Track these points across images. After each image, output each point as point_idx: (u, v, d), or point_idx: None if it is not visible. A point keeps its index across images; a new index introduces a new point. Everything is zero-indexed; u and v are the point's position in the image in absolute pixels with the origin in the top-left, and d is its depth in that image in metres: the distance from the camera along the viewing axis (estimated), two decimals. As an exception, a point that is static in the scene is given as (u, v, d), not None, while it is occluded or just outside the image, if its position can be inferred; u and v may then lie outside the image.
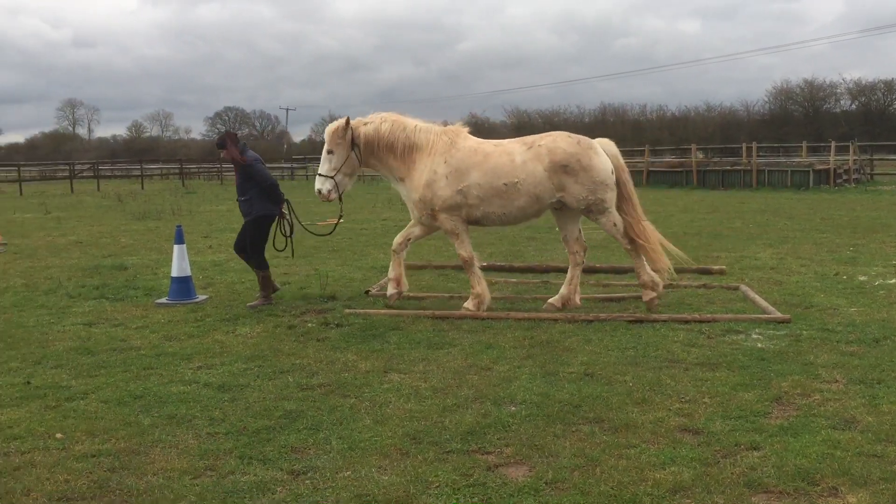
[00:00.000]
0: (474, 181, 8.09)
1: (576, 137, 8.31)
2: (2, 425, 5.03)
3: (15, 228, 18.69)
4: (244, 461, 4.41)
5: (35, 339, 7.31)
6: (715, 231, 15.15)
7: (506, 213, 8.22)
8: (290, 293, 9.31)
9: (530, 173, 8.05)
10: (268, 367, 6.25)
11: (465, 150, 8.25)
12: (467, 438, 4.68)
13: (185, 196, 33.22)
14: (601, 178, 8.08)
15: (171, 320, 8.03)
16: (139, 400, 5.49)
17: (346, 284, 9.84)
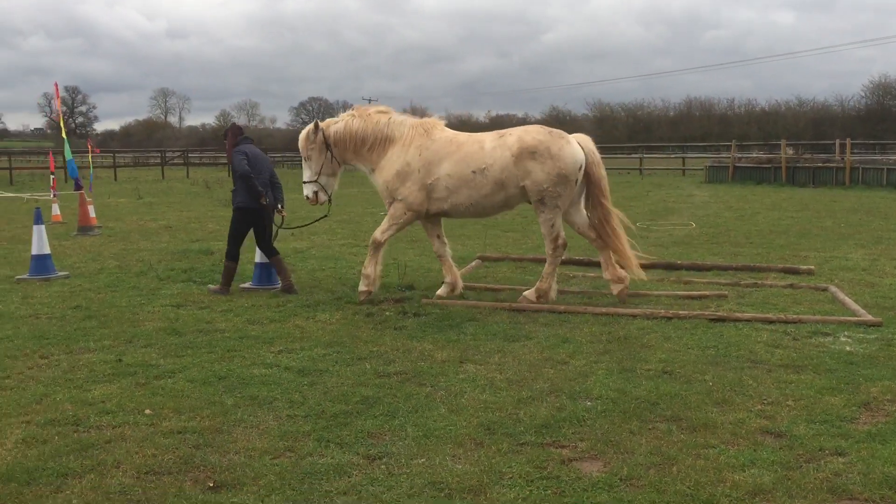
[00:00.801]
0: (444, 172, 8.19)
1: (549, 129, 8.34)
2: (95, 400, 5.27)
3: (109, 212, 19.49)
4: (322, 444, 4.51)
5: (127, 319, 7.62)
6: (803, 230, 14.66)
7: (473, 203, 8.26)
8: (368, 281, 9.42)
9: (497, 159, 8.10)
10: (346, 354, 6.36)
11: (440, 142, 8.35)
12: (542, 431, 4.67)
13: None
14: (565, 170, 8.04)
15: (253, 305, 8.25)
16: (223, 380, 5.67)
17: (423, 275, 9.92)
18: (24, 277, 9.84)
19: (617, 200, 22.56)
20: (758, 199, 22.35)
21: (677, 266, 10.14)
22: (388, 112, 8.71)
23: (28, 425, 4.79)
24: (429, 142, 8.34)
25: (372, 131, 8.49)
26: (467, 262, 10.75)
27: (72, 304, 8.35)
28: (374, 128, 8.49)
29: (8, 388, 5.51)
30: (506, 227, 15.36)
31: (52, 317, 7.75)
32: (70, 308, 8.13)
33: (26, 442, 4.53)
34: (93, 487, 3.96)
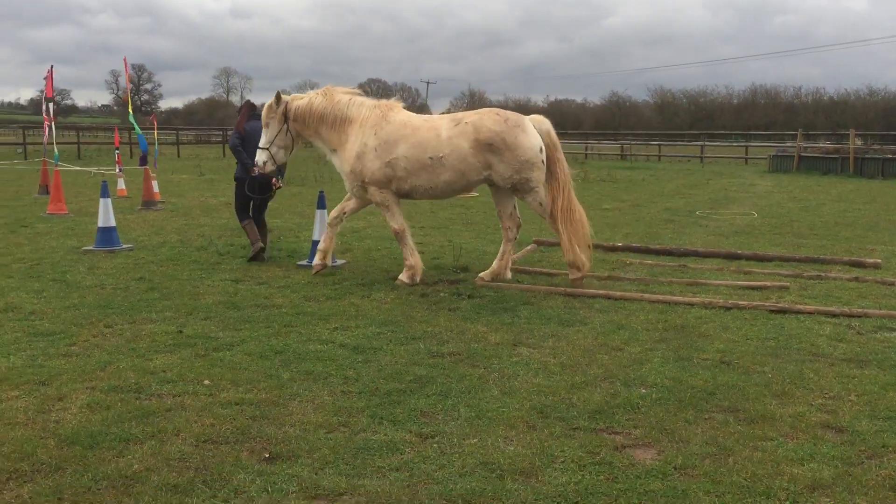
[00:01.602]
0: (401, 154, 8.19)
1: (504, 115, 8.24)
2: (156, 369, 5.40)
3: (172, 188, 19.91)
4: (375, 420, 4.55)
5: (187, 292, 7.78)
6: (871, 222, 14.21)
7: (433, 187, 8.29)
8: (423, 262, 9.45)
9: (455, 148, 8.09)
10: (400, 333, 6.40)
11: (395, 124, 8.33)
12: (595, 417, 4.64)
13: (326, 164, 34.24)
14: (527, 157, 8.04)
15: (310, 282, 8.35)
16: (280, 355, 5.76)
17: (478, 257, 9.90)
18: (91, 249, 10.13)
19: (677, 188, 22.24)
20: (823, 189, 21.74)
21: (738, 256, 9.94)
22: (353, 94, 8.73)
23: (92, 391, 4.93)
24: (384, 123, 8.35)
25: (332, 110, 8.53)
26: (523, 246, 10.70)
27: (135, 275, 8.56)
28: (335, 107, 8.54)
29: (74, 355, 5.69)
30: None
31: (117, 287, 7.96)
32: (133, 279, 8.35)
33: (90, 407, 4.67)
34: (153, 453, 4.06)
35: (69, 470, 3.86)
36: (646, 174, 28.52)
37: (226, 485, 3.76)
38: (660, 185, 22.79)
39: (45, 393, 4.90)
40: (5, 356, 5.60)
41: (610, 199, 18.12)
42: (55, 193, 14.51)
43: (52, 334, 6.20)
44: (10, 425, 4.37)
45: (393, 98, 8.85)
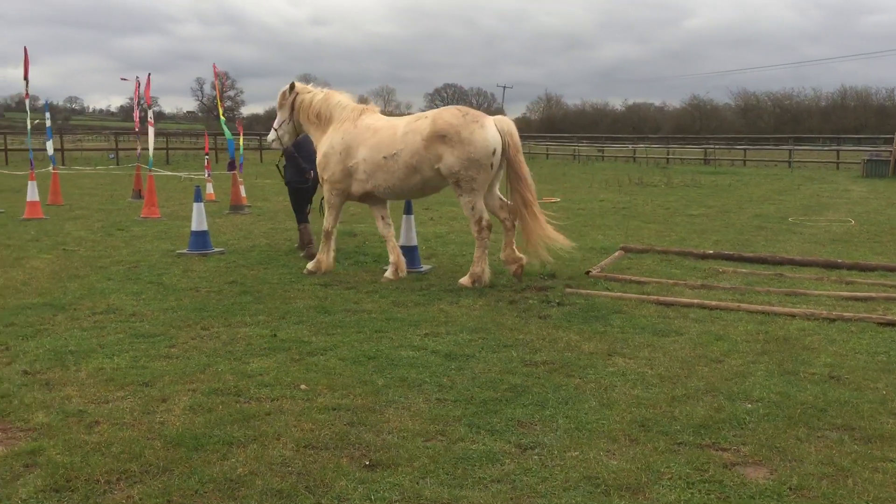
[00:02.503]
0: (361, 157, 8.55)
1: (465, 111, 8.35)
2: (253, 372, 5.47)
3: (257, 192, 20.35)
4: (473, 430, 4.50)
5: (279, 296, 7.89)
6: (978, 230, 13.46)
7: (390, 187, 8.53)
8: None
9: (408, 144, 8.29)
10: (491, 340, 6.34)
11: (360, 128, 8.69)
12: (700, 432, 4.48)
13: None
14: (477, 155, 8.07)
15: (398, 287, 8.36)
16: (372, 360, 5.77)
17: (565, 264, 9.76)
18: (184, 252, 10.40)
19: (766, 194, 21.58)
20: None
21: (838, 265, 9.53)
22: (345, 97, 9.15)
23: (194, 393, 5.02)
24: (352, 127, 8.73)
25: (323, 110, 9.05)
26: (610, 252, 10.51)
27: (228, 279, 8.74)
28: (325, 107, 9.04)
29: (174, 357, 5.82)
30: (648, 219, 14.94)
31: (211, 290, 8.13)
32: (226, 283, 8.52)
33: (193, 409, 4.75)
34: (256, 457, 4.10)
35: (176, 472, 3.92)
36: (732, 179, 27.78)
37: (328, 491, 3.75)
38: (747, 191, 22.14)
39: (149, 394, 5.01)
40: (110, 357, 5.76)
41: (696, 205, 17.69)
42: (149, 198, 14.98)
43: (152, 336, 6.36)
44: (117, 426, 4.48)
45: (371, 102, 9.32)
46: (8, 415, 4.63)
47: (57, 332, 6.46)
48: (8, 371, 5.41)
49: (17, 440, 4.28)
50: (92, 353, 5.86)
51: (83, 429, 4.43)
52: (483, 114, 8.41)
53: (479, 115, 8.31)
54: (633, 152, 47.08)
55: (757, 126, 71.40)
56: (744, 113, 78.78)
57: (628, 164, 42.37)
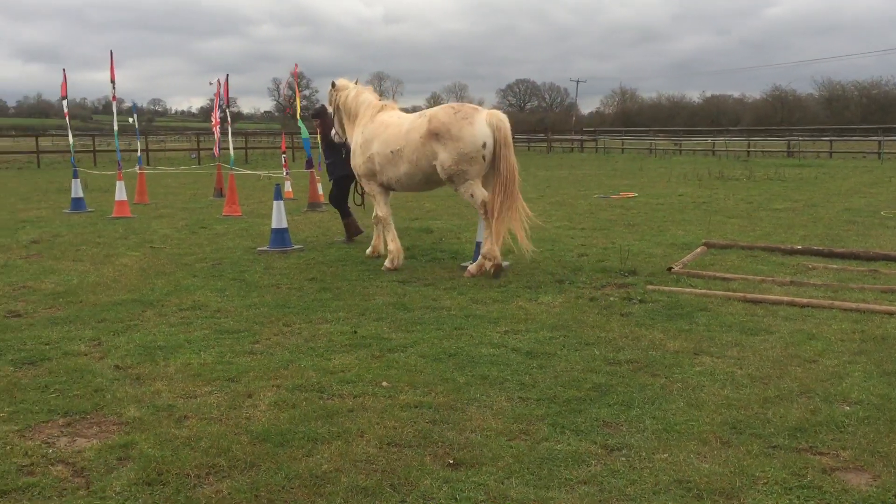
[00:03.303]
0: (375, 150, 9.11)
1: (458, 108, 8.67)
2: (335, 369, 5.51)
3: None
4: (557, 429, 4.42)
5: (358, 292, 7.95)
6: None
7: (398, 180, 9.05)
8: (588, 265, 9.25)
9: (409, 141, 8.76)
10: (572, 338, 6.23)
11: (376, 123, 9.24)
12: (795, 435, 4.30)
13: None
14: (467, 150, 8.42)
15: (476, 284, 8.32)
16: (453, 358, 5.73)
17: (645, 260, 9.56)
18: (265, 249, 10.58)
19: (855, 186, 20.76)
20: None
21: (937, 260, 9.06)
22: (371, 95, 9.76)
23: (278, 389, 5.08)
24: (370, 122, 9.33)
25: (353, 107, 9.72)
26: (692, 248, 10.25)
27: (308, 275, 8.85)
28: (354, 104, 9.70)
29: (258, 353, 5.90)
30: (730, 213, 14.53)
31: (292, 287, 8.24)
32: (307, 280, 8.62)
33: (278, 405, 4.80)
34: (340, 454, 4.11)
35: (263, 467, 3.96)
36: (818, 172, 26.81)
37: (413, 490, 3.73)
38: (835, 184, 21.32)
39: (235, 389, 5.09)
40: (197, 352, 5.88)
41: (781, 199, 17.12)
42: (230, 196, 15.32)
43: (236, 332, 6.47)
44: (206, 420, 4.56)
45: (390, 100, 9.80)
46: (102, 408, 4.77)
47: (146, 327, 6.63)
48: (100, 366, 5.58)
49: (110, 434, 4.40)
50: (179, 348, 6.00)
51: (173, 423, 4.52)
52: (476, 110, 8.70)
53: (470, 111, 8.61)
54: (711, 145, 45.95)
55: (843, 116, 68.79)
56: (828, 103, 76.03)
57: (707, 157, 41.37)
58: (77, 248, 11.01)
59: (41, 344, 6.12)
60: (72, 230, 13.02)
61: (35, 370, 5.49)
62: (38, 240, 11.84)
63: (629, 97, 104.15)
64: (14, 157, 40.93)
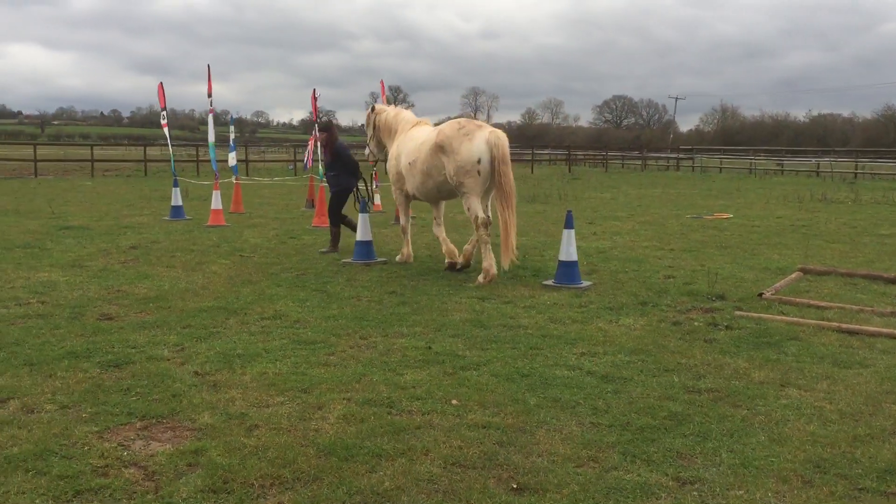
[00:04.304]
0: (403, 162, 10.07)
1: (462, 123, 9.42)
2: (407, 384, 5.49)
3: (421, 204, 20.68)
4: (627, 458, 4.27)
5: (436, 307, 7.93)
6: None
7: (417, 189, 9.98)
8: (674, 287, 8.98)
9: (422, 153, 9.62)
10: (651, 363, 6.04)
11: (406, 137, 10.19)
12: (885, 477, 4.02)
13: (570, 182, 34.20)
14: (462, 163, 9.16)
15: (555, 303, 8.19)
16: (526, 378, 5.64)
17: (735, 284, 9.22)
18: (349, 261, 10.72)
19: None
20: None
21: None
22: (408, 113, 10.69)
23: (348, 402, 5.10)
24: (402, 136, 10.30)
25: (392, 125, 10.62)
26: (786, 273, 9.83)
27: (388, 289, 8.90)
28: (394, 122, 10.60)
29: (332, 365, 5.95)
30: (831, 238, 13.89)
31: (371, 300, 8.30)
32: (387, 293, 8.67)
33: (346, 418, 4.81)
34: (403, 472, 4.08)
35: (325, 481, 3.96)
36: (929, 196, 25.39)
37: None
38: (948, 209, 20.12)
39: (307, 401, 5.13)
40: (273, 362, 5.97)
41: (888, 224, 16.27)
42: (320, 207, 15.62)
43: (313, 343, 6.55)
44: (275, 430, 4.61)
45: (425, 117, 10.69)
46: (177, 414, 4.88)
47: (227, 335, 6.79)
48: (181, 371, 5.73)
49: (183, 439, 4.50)
50: (257, 357, 6.10)
51: (243, 432, 4.59)
52: (479, 127, 9.40)
53: (472, 128, 9.32)
54: (816, 166, 44.21)
55: (961, 138, 65.10)
56: (946, 124, 72.11)
57: (811, 178, 39.82)
58: (172, 254, 11.42)
59: (128, 347, 6.34)
60: (169, 237, 13.52)
61: (119, 373, 5.69)
62: (136, 245, 12.33)
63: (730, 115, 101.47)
64: (124, 165, 42.96)
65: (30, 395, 5.16)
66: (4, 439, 4.41)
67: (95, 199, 21.97)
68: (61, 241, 12.76)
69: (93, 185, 29.45)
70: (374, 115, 10.95)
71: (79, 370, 5.71)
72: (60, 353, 6.10)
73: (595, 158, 59.16)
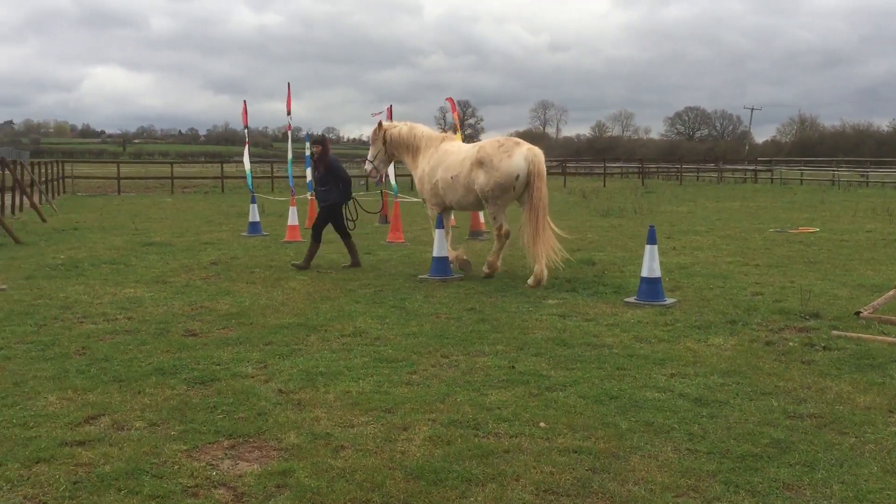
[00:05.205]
0: (440, 176, 10.62)
1: (503, 142, 10.28)
2: (492, 405, 5.36)
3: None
4: (730, 488, 4.05)
5: (516, 325, 7.79)
6: None
7: (458, 201, 10.67)
8: (764, 305, 8.63)
9: (463, 167, 10.34)
10: (747, 386, 5.78)
11: (440, 152, 10.75)
12: None
13: (644, 195, 33.61)
14: (501, 179, 10.01)
15: (640, 321, 7.95)
16: (615, 400, 5.45)
17: (829, 302, 8.81)
18: (426, 277, 10.66)
19: None
20: None
21: None
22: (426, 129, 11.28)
23: (433, 424, 4.99)
24: (435, 152, 10.82)
25: (411, 140, 11.09)
26: (883, 291, 9.34)
27: (466, 305, 8.79)
28: (412, 138, 11.09)
29: (415, 384, 5.86)
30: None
31: (450, 317, 8.21)
32: (465, 309, 8.56)
33: (432, 440, 4.71)
34: (494, 498, 3.95)
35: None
36: None
37: (570, 544, 3.50)
38: None
39: (391, 421, 5.05)
40: (356, 380, 5.92)
41: None
42: (394, 223, 15.65)
43: (395, 361, 6.48)
44: (361, 452, 4.53)
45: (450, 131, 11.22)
46: (264, 433, 4.86)
47: (309, 352, 6.78)
48: (265, 389, 5.73)
49: (270, 459, 4.46)
50: (339, 375, 6.06)
51: (330, 452, 4.53)
52: (518, 144, 10.21)
53: (511, 146, 10.14)
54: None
55: None
56: None
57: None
58: (251, 270, 11.56)
59: (212, 364, 6.38)
60: (247, 253, 13.72)
61: (205, 390, 5.72)
62: (216, 261, 12.54)
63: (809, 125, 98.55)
64: (202, 182, 44.11)
65: (120, 412, 5.22)
66: (97, 457, 4.46)
67: (176, 216, 22.54)
68: (145, 257, 13.07)
69: (173, 201, 30.28)
70: (384, 132, 11.34)
71: (166, 387, 5.76)
72: (148, 370, 6.18)
73: (669, 171, 58.11)
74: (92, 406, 5.33)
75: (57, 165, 35.56)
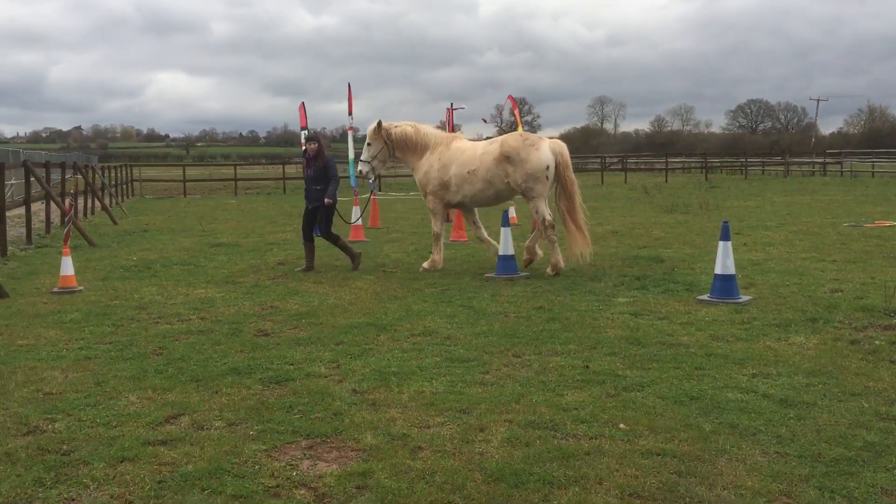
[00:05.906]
0: (454, 172, 10.97)
1: (525, 136, 10.83)
2: (568, 406, 5.27)
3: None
4: (825, 494, 3.89)
5: (587, 324, 7.66)
6: None
7: (474, 196, 11.01)
8: (844, 302, 8.33)
9: (483, 162, 10.76)
10: (834, 386, 5.56)
11: (453, 150, 11.14)
12: None
13: (709, 190, 32.93)
14: (532, 170, 10.49)
15: (715, 319, 7.75)
16: (696, 401, 5.30)
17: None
18: (492, 276, 10.58)
19: None
20: None
21: None
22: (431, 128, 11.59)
23: (510, 425, 4.92)
24: (446, 150, 11.16)
25: (416, 139, 11.32)
26: (972, 286, 8.94)
27: (535, 304, 8.70)
28: (417, 137, 11.33)
29: (488, 384, 5.80)
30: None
31: (519, 316, 8.12)
32: (534, 308, 8.47)
33: (510, 442, 4.64)
34: (577, 502, 3.86)
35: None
36: None
37: (660, 551, 3.40)
38: None
39: (467, 422, 5.00)
40: (429, 380, 5.89)
41: None
42: (457, 221, 15.62)
43: (466, 361, 6.43)
44: (439, 453, 4.49)
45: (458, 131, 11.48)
46: (341, 433, 4.86)
47: (380, 352, 6.77)
48: (339, 389, 5.73)
49: (349, 459, 4.45)
50: (412, 375, 6.04)
51: (408, 453, 4.50)
52: (540, 138, 10.88)
53: (536, 139, 10.77)
54: (981, 167, 40.78)
55: None
56: None
57: (976, 180, 36.71)
58: (317, 270, 11.64)
59: (286, 364, 6.43)
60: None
61: (281, 389, 5.75)
62: (283, 261, 12.68)
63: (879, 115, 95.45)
64: (264, 183, 44.82)
65: (199, 412, 5.28)
66: (179, 456, 4.51)
67: (241, 217, 22.92)
68: (214, 257, 13.30)
69: (237, 202, 30.81)
70: (385, 131, 11.42)
71: (242, 386, 5.81)
72: (224, 370, 6.25)
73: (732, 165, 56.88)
74: (172, 406, 5.41)
75: (125, 169, 36.52)
